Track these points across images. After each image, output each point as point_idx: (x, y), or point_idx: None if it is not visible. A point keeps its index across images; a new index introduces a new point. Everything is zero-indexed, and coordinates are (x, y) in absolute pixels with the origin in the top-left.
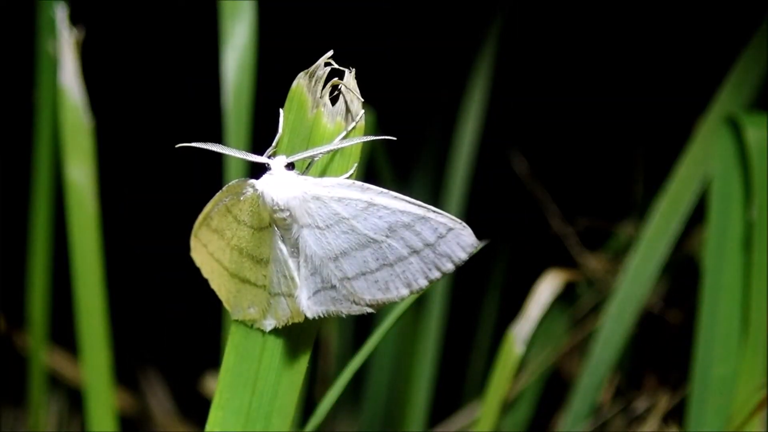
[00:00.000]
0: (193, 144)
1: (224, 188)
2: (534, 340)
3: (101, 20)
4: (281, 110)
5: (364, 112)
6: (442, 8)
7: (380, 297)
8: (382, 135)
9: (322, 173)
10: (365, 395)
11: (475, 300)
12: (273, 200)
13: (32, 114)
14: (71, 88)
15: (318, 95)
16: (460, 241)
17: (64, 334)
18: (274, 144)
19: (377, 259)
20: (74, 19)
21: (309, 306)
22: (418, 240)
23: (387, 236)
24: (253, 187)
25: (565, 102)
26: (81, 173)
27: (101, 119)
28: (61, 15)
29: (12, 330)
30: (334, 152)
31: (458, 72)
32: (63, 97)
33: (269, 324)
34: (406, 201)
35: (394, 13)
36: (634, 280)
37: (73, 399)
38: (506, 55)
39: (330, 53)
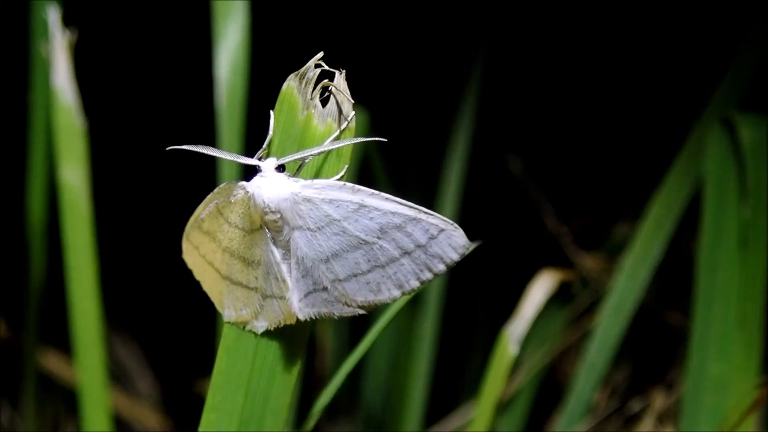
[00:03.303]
0: (184, 147)
1: (215, 190)
2: (529, 340)
3: (94, 22)
4: (272, 112)
5: (355, 114)
6: (438, 7)
7: (372, 298)
8: (376, 136)
9: (313, 175)
10: (362, 396)
11: (470, 300)
12: (264, 202)
13: (26, 116)
14: (64, 89)
15: (308, 97)
16: (452, 242)
17: (60, 335)
18: (264, 146)
19: (368, 261)
20: (67, 21)
21: (301, 308)
22: (409, 241)
23: (378, 238)
24: (244, 189)
25: (560, 102)
26: (74, 175)
27: (94, 121)
28: (53, 17)
29: (7, 332)
30: (326, 154)
31: (453, 71)
32: (56, 99)
33: (261, 326)
34: (397, 202)
35: (389, 12)
36: (629, 280)
37: (70, 400)
38: (502, 54)
39: (320, 55)
